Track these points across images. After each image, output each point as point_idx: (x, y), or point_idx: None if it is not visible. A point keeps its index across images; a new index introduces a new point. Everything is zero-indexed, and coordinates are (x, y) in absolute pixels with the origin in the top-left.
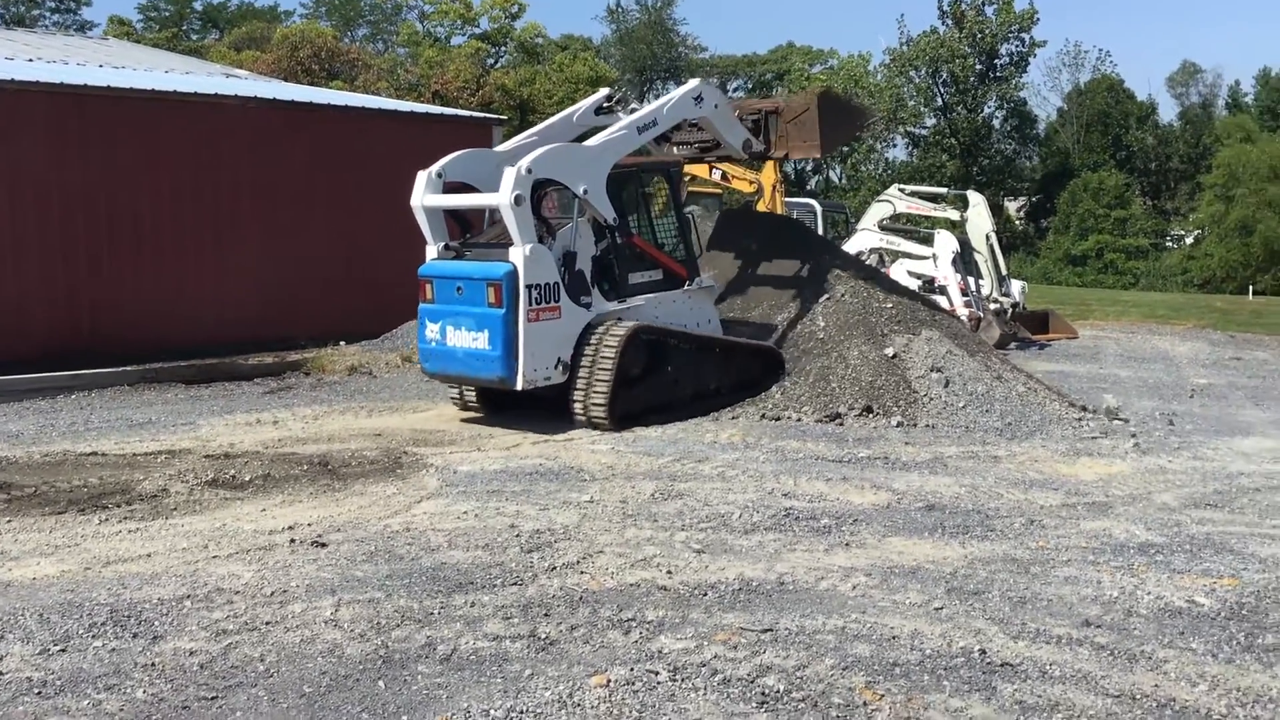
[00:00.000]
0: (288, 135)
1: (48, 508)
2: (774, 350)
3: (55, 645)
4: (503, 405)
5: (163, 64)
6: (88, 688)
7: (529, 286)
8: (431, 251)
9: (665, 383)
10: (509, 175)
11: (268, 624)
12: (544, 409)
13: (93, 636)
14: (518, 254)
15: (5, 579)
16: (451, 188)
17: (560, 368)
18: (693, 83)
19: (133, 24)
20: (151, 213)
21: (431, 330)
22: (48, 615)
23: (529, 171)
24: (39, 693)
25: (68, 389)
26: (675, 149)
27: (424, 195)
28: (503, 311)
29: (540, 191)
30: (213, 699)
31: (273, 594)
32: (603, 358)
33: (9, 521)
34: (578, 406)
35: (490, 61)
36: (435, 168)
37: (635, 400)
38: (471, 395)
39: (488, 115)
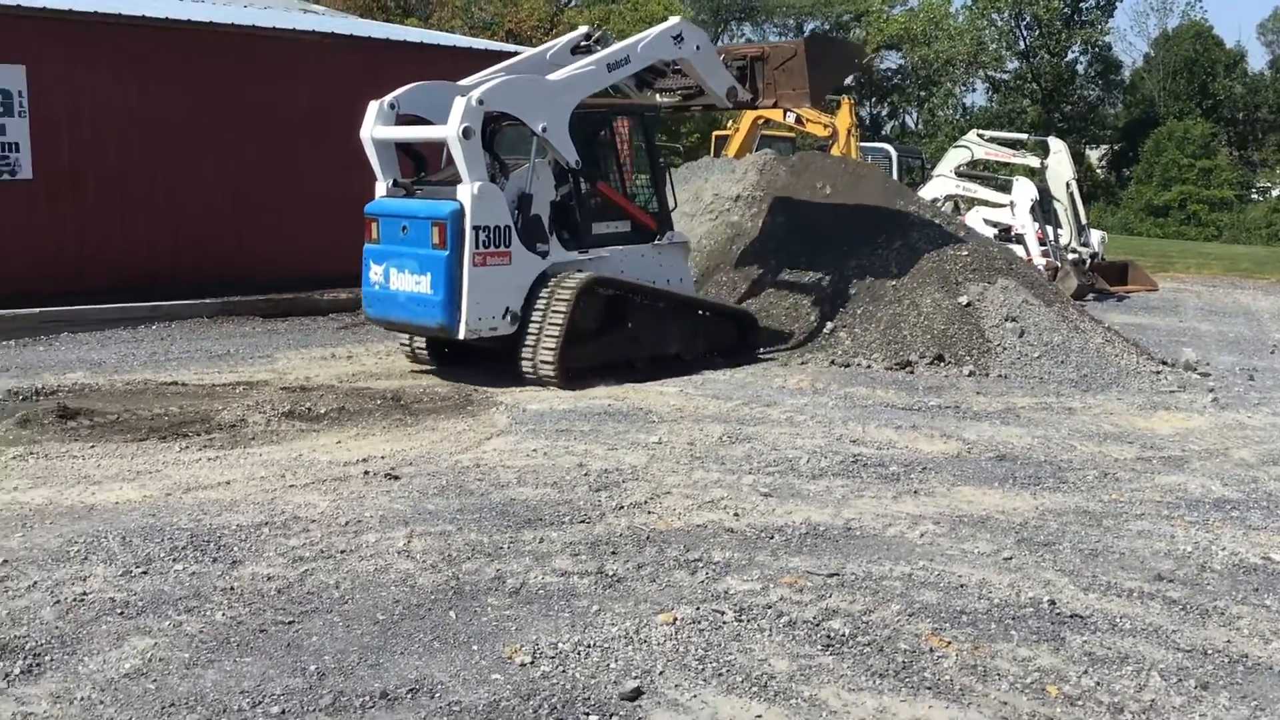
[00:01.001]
0: (364, 72)
1: (129, 434)
2: (747, 314)
3: (137, 567)
4: (453, 358)
5: None
6: (168, 609)
7: (476, 228)
8: (380, 189)
9: (623, 340)
10: (458, 105)
11: (342, 552)
12: (495, 362)
13: (173, 560)
14: (465, 192)
15: (89, 502)
16: (407, 121)
17: (509, 318)
18: (672, 20)
19: None
20: (233, 147)
21: (375, 272)
22: (130, 538)
23: (480, 103)
24: (121, 613)
25: (149, 319)
26: (658, 97)
27: (374, 127)
28: (446, 254)
29: (494, 126)
30: (289, 623)
31: (347, 524)
32: (554, 310)
33: (92, 447)
34: (526, 361)
35: (564, 1)
36: (389, 98)
37: (588, 357)
38: (422, 345)
39: None
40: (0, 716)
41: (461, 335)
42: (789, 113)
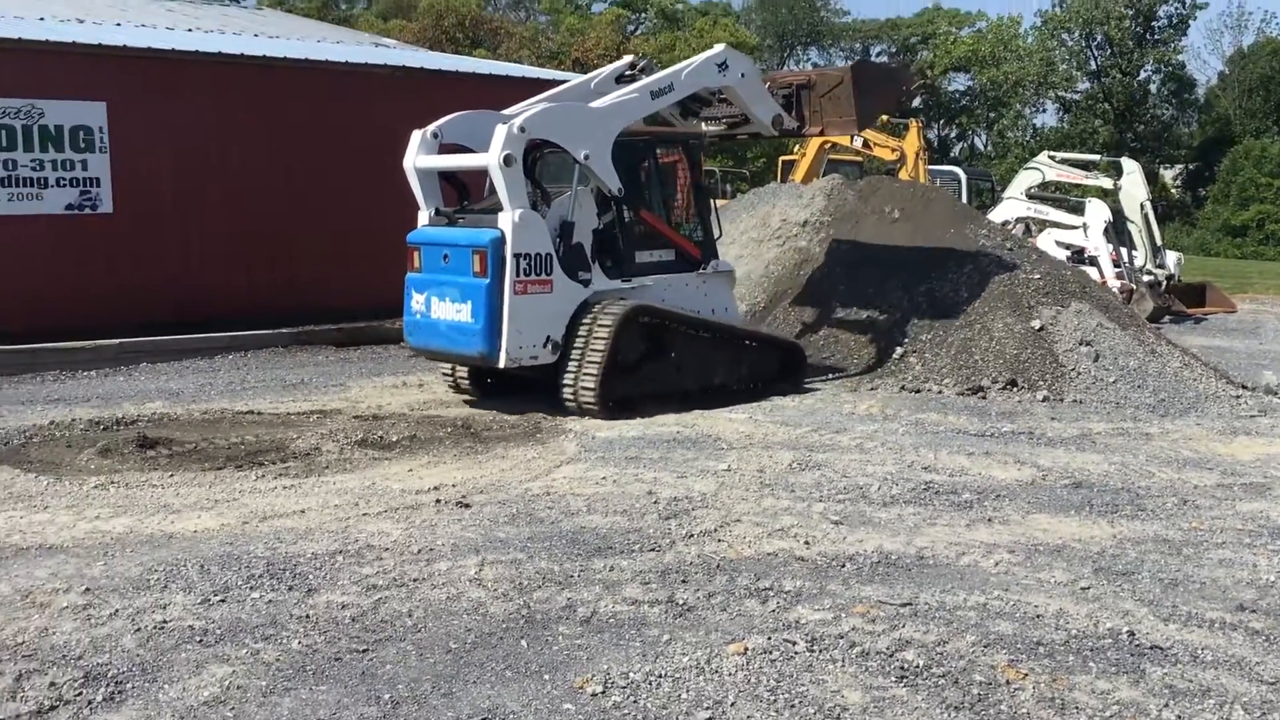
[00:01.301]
0: (433, 104)
1: (207, 463)
2: (794, 344)
3: (215, 595)
4: (496, 389)
5: (314, 33)
6: (246, 637)
7: (517, 255)
8: (423, 218)
9: (666, 370)
10: (499, 133)
11: (415, 580)
12: (539, 393)
13: (250, 588)
14: (506, 219)
15: (168, 531)
16: (449, 150)
17: (550, 347)
18: (717, 48)
19: None
20: (307, 178)
21: (417, 301)
22: (208, 566)
23: (522, 130)
24: (200, 641)
25: (225, 349)
26: (704, 125)
27: (416, 156)
28: (487, 281)
29: (536, 154)
30: (363, 651)
31: (420, 552)
32: (595, 339)
33: (171, 476)
34: (567, 390)
35: (630, 28)
36: (432, 127)
37: (631, 387)
38: (464, 375)
39: None
40: None
41: (502, 364)
42: (855, 137)
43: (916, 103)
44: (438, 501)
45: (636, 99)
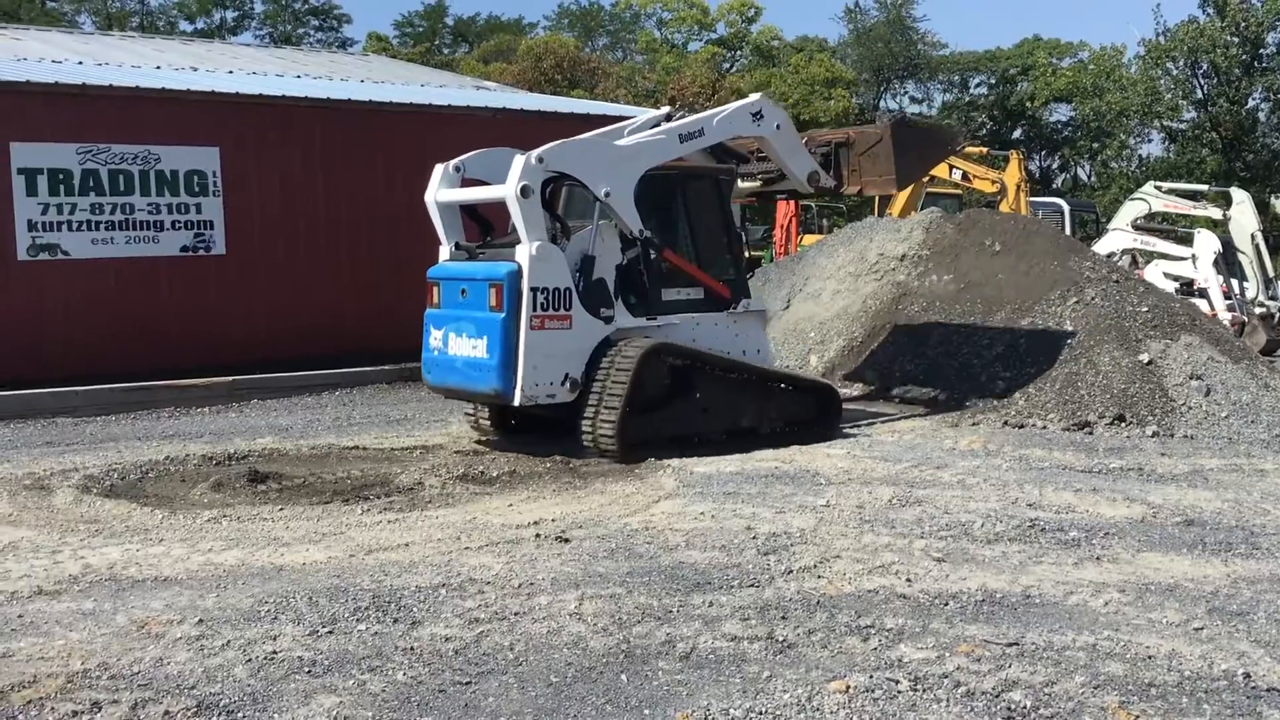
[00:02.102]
0: (535, 143)
1: (315, 497)
2: (828, 386)
3: (324, 627)
4: (519, 429)
5: (418, 77)
6: (353, 668)
7: (534, 289)
8: (444, 253)
9: (691, 412)
10: (517, 163)
11: (516, 614)
12: (562, 432)
13: (357, 620)
14: (523, 252)
15: (278, 563)
16: (471, 186)
17: (569, 385)
18: (753, 97)
19: (389, 40)
20: (413, 219)
21: (435, 338)
22: (316, 598)
23: (540, 161)
24: (309, 671)
25: (331, 386)
26: (740, 181)
27: (438, 190)
28: (503, 316)
29: (554, 186)
30: (466, 684)
31: (520, 586)
32: (615, 378)
33: (281, 510)
34: (585, 430)
35: (726, 66)
36: (455, 161)
37: (653, 429)
38: (485, 415)
39: None
40: None
41: (517, 401)
42: (954, 169)
43: (1017, 134)
44: (538, 536)
45: (664, 140)
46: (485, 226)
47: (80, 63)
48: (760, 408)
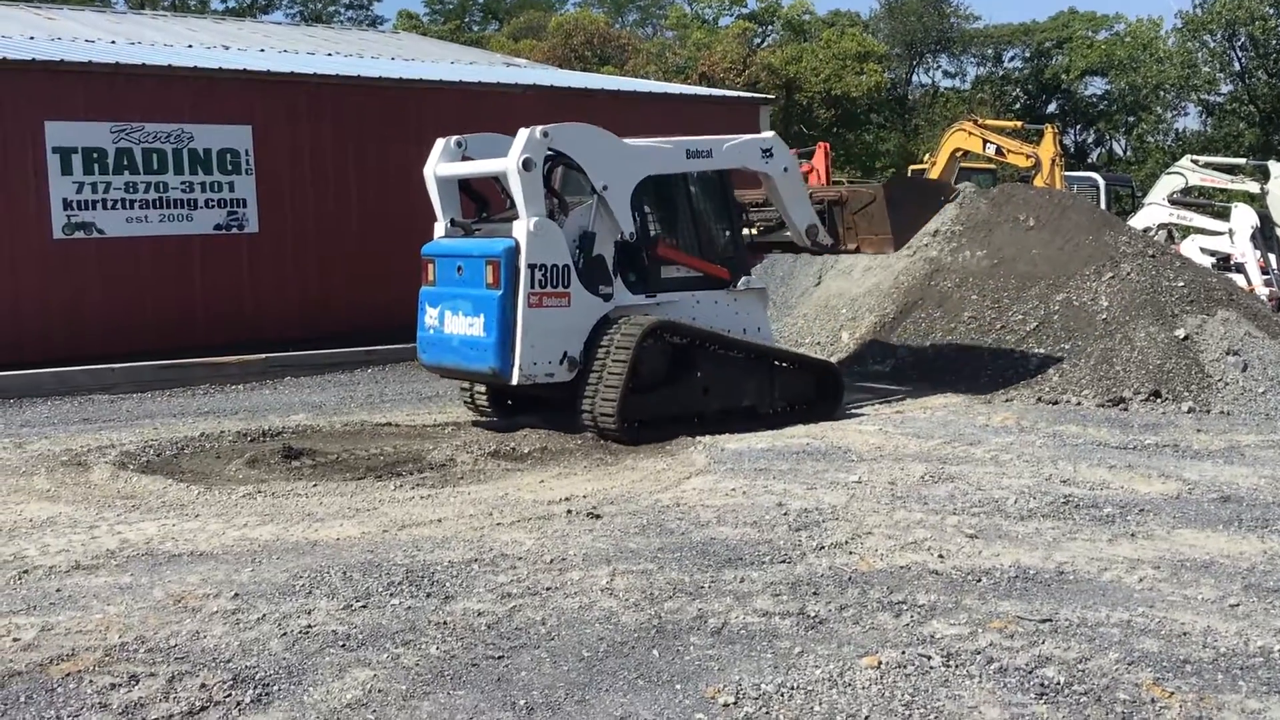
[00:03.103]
0: (566, 118)
1: (348, 473)
2: (830, 366)
3: (358, 601)
4: (516, 408)
5: (448, 55)
6: (386, 642)
7: (531, 266)
8: (439, 229)
9: (692, 391)
10: (521, 136)
11: (548, 589)
12: (561, 412)
13: (391, 594)
14: (521, 228)
15: (313, 538)
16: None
17: (567, 364)
18: (768, 133)
19: (420, 17)
20: None
21: (430, 316)
22: (350, 573)
23: (545, 135)
24: (343, 645)
25: (364, 364)
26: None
27: (437, 164)
28: (500, 293)
29: (553, 166)
30: (499, 658)
31: (552, 561)
32: (615, 356)
33: (315, 486)
34: (585, 409)
35: (757, 41)
36: (458, 137)
37: (654, 408)
38: (482, 394)
39: (754, 95)
40: None
41: (514, 380)
42: (988, 144)
43: (1052, 108)
44: (569, 512)
45: (670, 152)
46: (482, 204)
47: (113, 42)
48: (761, 387)
